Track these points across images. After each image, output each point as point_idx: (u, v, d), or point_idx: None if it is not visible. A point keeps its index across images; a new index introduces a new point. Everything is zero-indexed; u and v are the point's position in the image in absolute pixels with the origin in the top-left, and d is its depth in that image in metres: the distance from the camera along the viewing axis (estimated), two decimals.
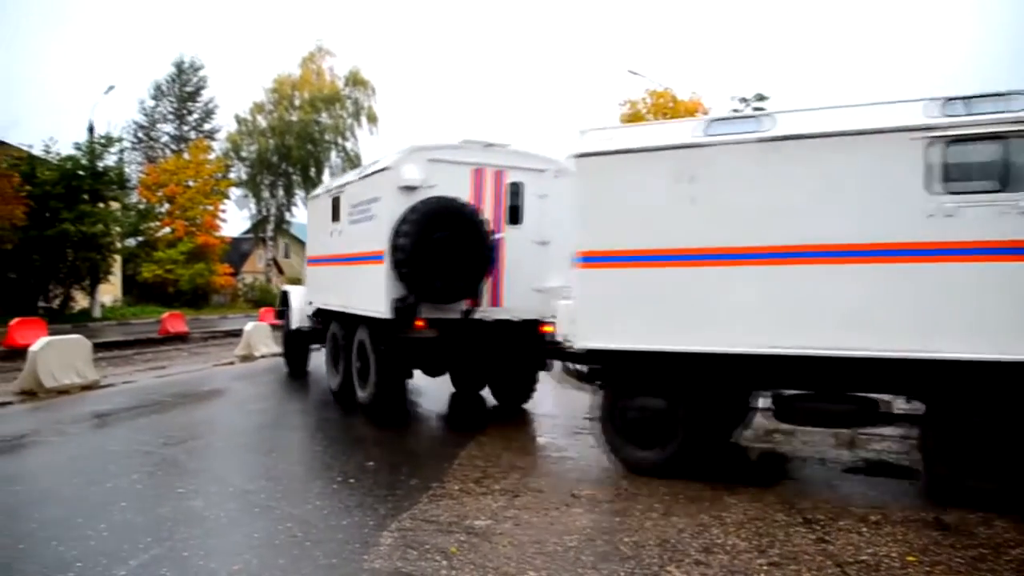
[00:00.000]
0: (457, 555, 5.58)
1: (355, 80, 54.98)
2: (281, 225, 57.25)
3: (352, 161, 54.51)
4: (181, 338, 25.60)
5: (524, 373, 11.80)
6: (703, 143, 7.48)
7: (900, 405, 7.85)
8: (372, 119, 55.48)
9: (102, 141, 34.33)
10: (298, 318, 15.99)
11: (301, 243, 71.75)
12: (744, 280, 7.27)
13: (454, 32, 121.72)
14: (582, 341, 8.10)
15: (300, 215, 58.12)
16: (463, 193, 10.54)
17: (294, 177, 54.98)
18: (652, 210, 7.70)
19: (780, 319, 7.14)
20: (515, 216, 10.88)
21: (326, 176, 54.70)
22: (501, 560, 5.49)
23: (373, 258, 10.85)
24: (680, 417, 7.75)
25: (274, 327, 20.58)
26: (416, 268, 10.08)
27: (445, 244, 10.08)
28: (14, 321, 20.86)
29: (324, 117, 54.21)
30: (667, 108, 33.11)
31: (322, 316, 14.27)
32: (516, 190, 10.82)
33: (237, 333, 22.26)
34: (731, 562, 5.46)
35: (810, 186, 7.05)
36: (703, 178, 7.43)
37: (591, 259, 7.95)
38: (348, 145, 55.60)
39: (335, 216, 13.09)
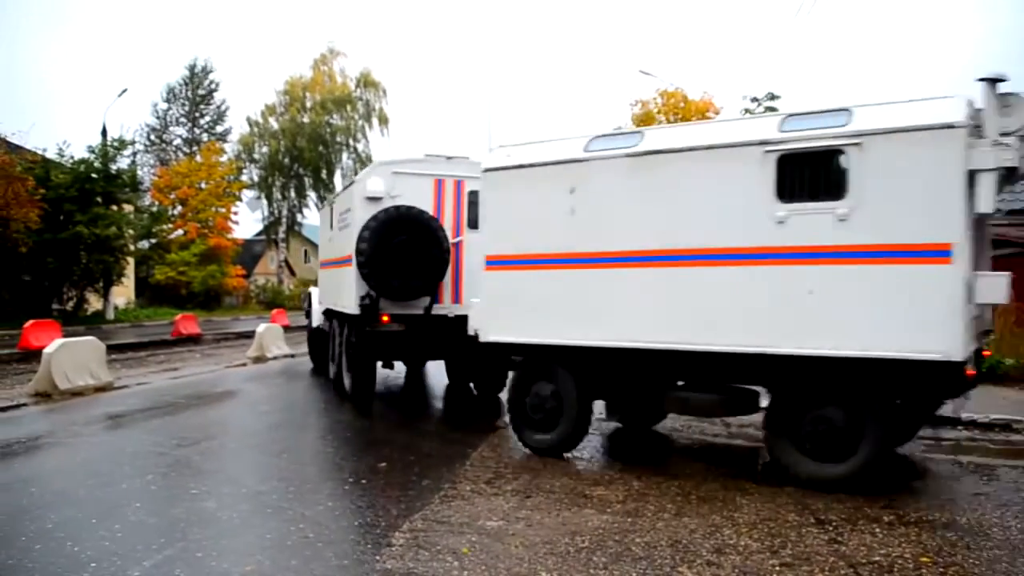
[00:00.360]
0: (469, 556, 5.59)
1: (366, 81, 55.10)
2: (293, 227, 57.40)
3: (363, 163, 54.58)
4: (194, 340, 25.72)
5: (494, 365, 12.23)
6: (582, 159, 8.43)
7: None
8: (383, 120, 55.60)
9: (115, 144, 34.53)
10: (317, 318, 16.98)
11: (315, 245, 72.20)
12: (616, 282, 8.15)
13: (465, 33, 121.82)
14: (487, 335, 9.12)
15: (312, 217, 58.28)
16: (425, 202, 11.79)
17: (306, 179, 55.10)
18: (542, 219, 8.67)
19: (649, 317, 7.95)
20: (474, 222, 11.26)
21: (338, 178, 54.86)
22: (513, 561, 5.49)
23: (347, 261, 12.33)
24: (567, 404, 8.65)
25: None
26: (375, 269, 11.49)
27: (402, 248, 11.46)
28: (28, 323, 21.01)
29: (335, 119, 54.35)
30: (678, 108, 33.05)
31: (326, 315, 15.63)
32: (474, 199, 11.20)
33: (249, 335, 22.34)
34: (743, 563, 5.44)
35: (671, 196, 7.87)
36: (582, 190, 8.38)
37: (495, 262, 9.06)
38: (359, 147, 55.74)
39: (331, 224, 14.51)
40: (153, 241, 46.33)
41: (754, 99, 28.97)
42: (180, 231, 47.21)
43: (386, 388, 14.22)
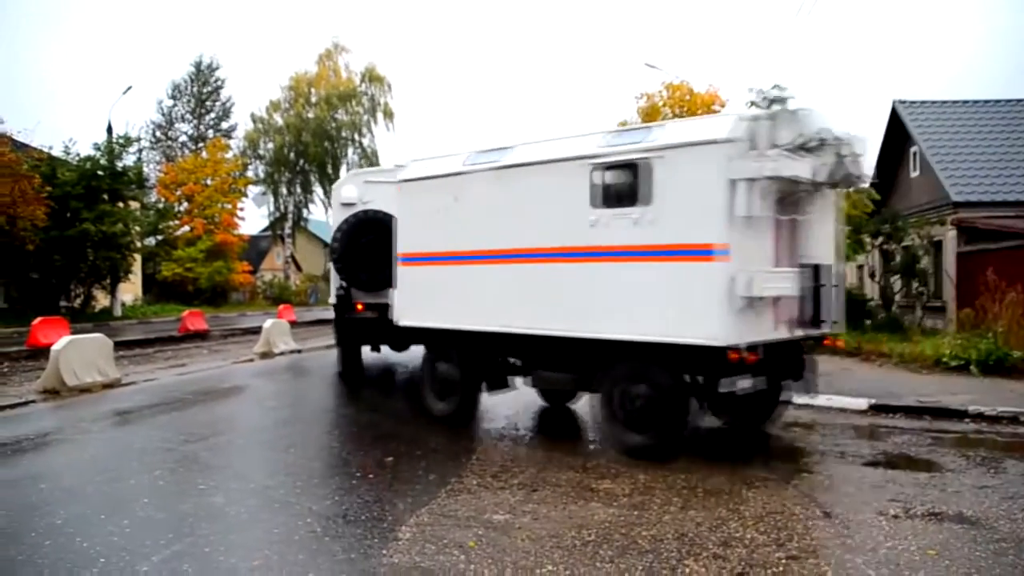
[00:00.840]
0: (475, 549, 5.61)
1: (371, 76, 55.13)
2: (299, 222, 57.47)
3: (369, 158, 54.67)
4: (201, 336, 25.77)
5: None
6: (462, 171, 10.00)
7: None
8: (388, 115, 55.66)
9: (121, 141, 34.56)
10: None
11: (320, 240, 72.21)
12: (485, 276, 9.75)
13: (470, 26, 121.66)
14: (401, 320, 10.92)
15: (318, 212, 58.30)
16: (393, 207, 12.01)
17: (312, 174, 55.14)
18: (436, 222, 10.31)
19: (504, 306, 9.46)
20: None
21: (343, 172, 54.83)
22: (519, 554, 5.51)
23: (333, 260, 14.66)
24: (458, 379, 10.35)
25: None
26: (346, 265, 13.84)
27: (369, 247, 12.93)
28: (37, 321, 21.07)
29: (341, 114, 54.41)
30: (684, 101, 32.88)
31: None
32: None
33: (256, 330, 22.36)
34: (749, 555, 5.45)
35: (522, 203, 9.29)
36: (462, 198, 9.99)
37: (404, 259, 10.81)
38: (365, 141, 55.83)
39: None
40: (159, 238, 46.47)
41: (760, 91, 28.83)
42: (186, 227, 47.30)
43: (393, 382, 14.26)
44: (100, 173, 32.27)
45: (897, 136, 25.64)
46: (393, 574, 5.21)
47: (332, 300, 17.83)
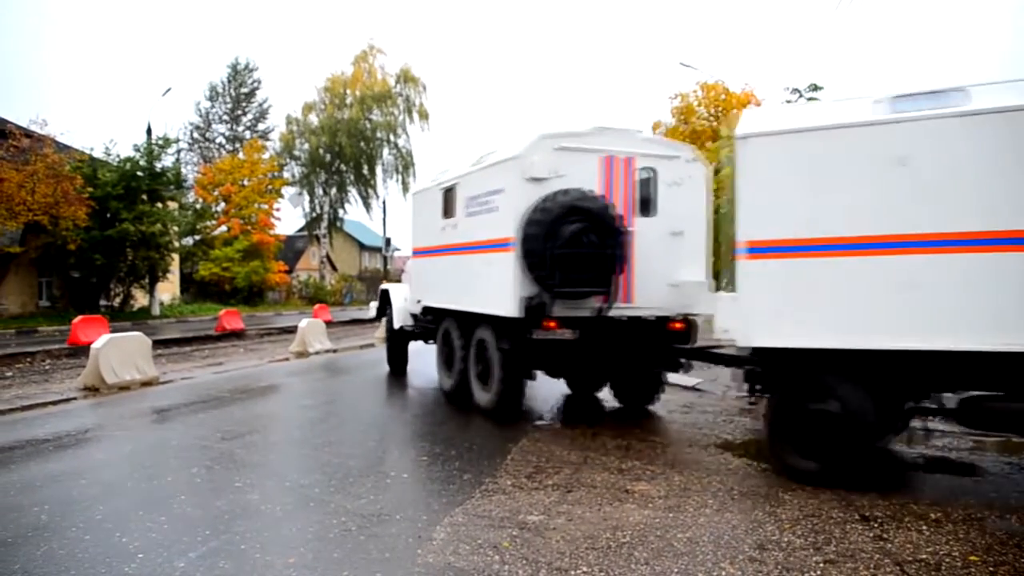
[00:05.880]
0: (509, 550, 5.59)
1: (406, 77, 55.30)
2: (335, 222, 57.83)
3: (404, 158, 54.91)
4: (237, 335, 26.03)
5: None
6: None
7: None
8: (423, 116, 55.80)
9: (160, 142, 35.04)
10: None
11: (356, 241, 72.60)
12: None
13: (504, 27, 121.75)
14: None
15: (353, 212, 58.65)
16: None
17: (347, 175, 55.47)
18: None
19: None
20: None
21: (379, 173, 55.17)
22: (554, 555, 5.49)
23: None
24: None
25: None
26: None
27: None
28: (77, 319, 21.45)
29: (376, 114, 54.64)
30: (719, 101, 32.68)
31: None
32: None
33: (292, 330, 22.57)
34: (786, 559, 5.38)
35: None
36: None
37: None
38: (400, 142, 56.03)
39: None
40: (197, 238, 47.07)
41: (795, 90, 28.53)
42: (223, 227, 47.86)
43: (430, 383, 14.28)
44: (139, 174, 32.75)
45: None
46: (427, 574, 5.20)
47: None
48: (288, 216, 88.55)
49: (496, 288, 10.40)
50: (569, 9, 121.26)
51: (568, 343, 9.96)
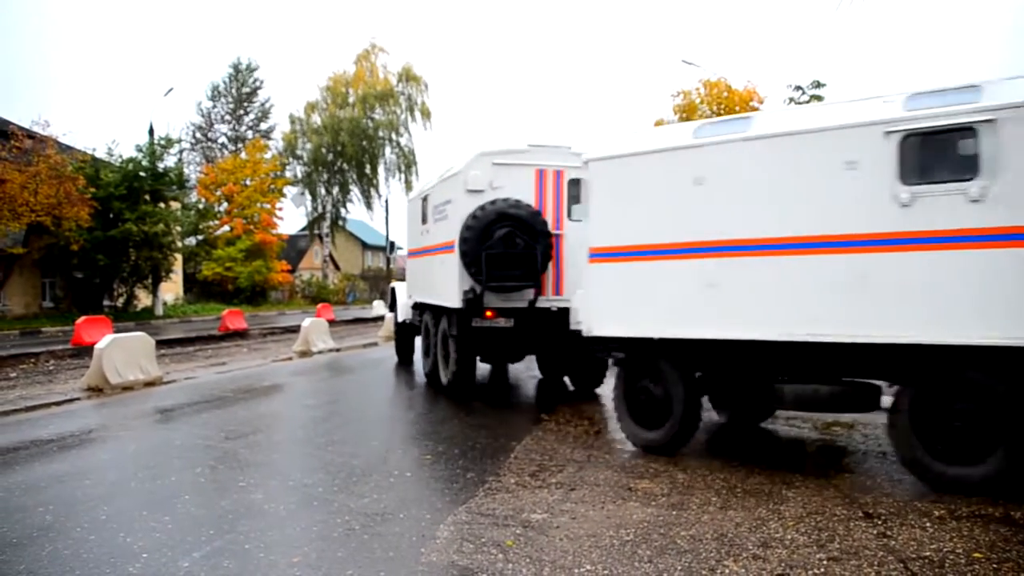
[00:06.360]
0: (513, 548, 5.60)
1: (408, 76, 55.33)
2: (337, 222, 57.90)
3: (406, 156, 54.95)
4: (240, 335, 26.05)
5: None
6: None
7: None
8: (426, 114, 55.85)
9: (162, 142, 35.10)
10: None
11: (359, 240, 72.63)
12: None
13: (506, 25, 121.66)
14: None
15: (355, 212, 58.67)
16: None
17: (349, 174, 55.51)
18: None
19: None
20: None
21: (381, 172, 55.21)
22: (557, 553, 5.49)
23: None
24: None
25: None
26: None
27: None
28: (81, 320, 21.50)
29: (378, 114, 54.70)
30: (722, 98, 32.63)
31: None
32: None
33: (295, 329, 22.57)
34: (790, 556, 5.37)
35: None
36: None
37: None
38: (402, 141, 56.10)
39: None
40: (200, 237, 47.11)
41: (798, 87, 28.53)
42: (226, 227, 47.94)
43: (430, 383, 14.30)
44: (142, 174, 32.82)
45: None
46: (431, 572, 5.21)
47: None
48: (291, 215, 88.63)
49: (446, 284, 12.25)
50: (572, 7, 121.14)
51: (506, 330, 11.69)
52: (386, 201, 56.65)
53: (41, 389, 13.90)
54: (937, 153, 6.67)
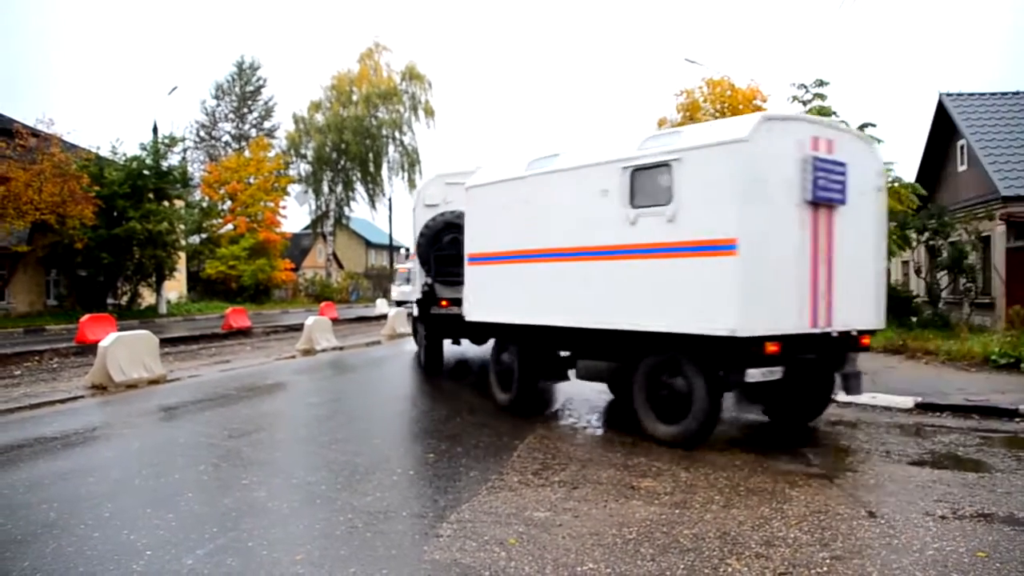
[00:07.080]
0: (516, 546, 5.60)
1: (412, 75, 55.37)
2: (341, 220, 57.93)
3: (410, 155, 54.99)
4: (244, 333, 26.11)
5: None
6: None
7: None
8: (429, 113, 55.88)
9: (166, 141, 35.15)
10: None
11: (362, 239, 72.67)
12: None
13: (510, 24, 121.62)
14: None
15: (359, 210, 58.71)
16: None
17: (353, 173, 55.54)
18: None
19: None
20: None
21: (384, 171, 55.25)
22: (560, 552, 5.49)
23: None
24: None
25: None
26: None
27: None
28: (85, 318, 21.53)
29: (382, 112, 54.75)
30: (725, 97, 32.53)
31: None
32: None
33: (298, 327, 22.61)
34: (793, 555, 5.37)
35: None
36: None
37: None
38: (406, 139, 56.16)
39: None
40: (204, 236, 47.22)
41: (802, 86, 28.43)
42: (230, 226, 48.01)
43: (435, 380, 14.32)
44: (146, 172, 32.86)
45: (944, 130, 25.17)
46: (434, 570, 5.21)
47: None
48: (294, 214, 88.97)
49: (414, 280, 16.09)
50: (575, 6, 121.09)
51: (457, 315, 12.96)
52: (390, 200, 56.76)
53: (45, 387, 13.94)
54: (650, 183, 8.63)
